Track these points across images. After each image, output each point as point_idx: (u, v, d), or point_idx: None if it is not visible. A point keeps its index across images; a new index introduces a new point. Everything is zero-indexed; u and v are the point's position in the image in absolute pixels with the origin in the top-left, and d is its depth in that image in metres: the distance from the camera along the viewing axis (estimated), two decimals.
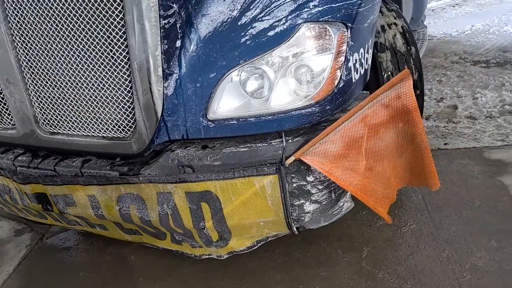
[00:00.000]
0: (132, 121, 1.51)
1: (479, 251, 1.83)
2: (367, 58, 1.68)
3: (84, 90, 1.52)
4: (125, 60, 1.40)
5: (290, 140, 1.46)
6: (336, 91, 1.50)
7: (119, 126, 1.53)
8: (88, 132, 1.60)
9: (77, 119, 1.59)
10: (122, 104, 1.48)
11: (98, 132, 1.59)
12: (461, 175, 2.36)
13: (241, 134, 1.48)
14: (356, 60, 1.58)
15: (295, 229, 1.65)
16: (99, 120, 1.55)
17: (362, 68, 1.63)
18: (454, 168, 2.42)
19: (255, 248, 1.74)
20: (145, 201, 1.61)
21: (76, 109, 1.58)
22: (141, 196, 1.61)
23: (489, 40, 5.03)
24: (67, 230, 2.27)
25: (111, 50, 1.39)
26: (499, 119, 2.99)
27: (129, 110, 1.48)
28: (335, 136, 1.39)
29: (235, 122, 1.46)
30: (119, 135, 1.55)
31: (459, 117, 3.09)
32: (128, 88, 1.45)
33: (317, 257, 1.92)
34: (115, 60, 1.40)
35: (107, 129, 1.55)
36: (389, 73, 1.96)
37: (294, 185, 1.52)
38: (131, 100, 1.46)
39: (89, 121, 1.58)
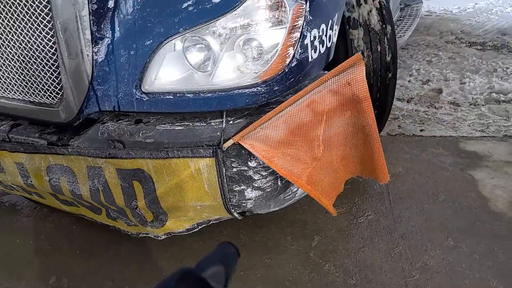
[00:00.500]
0: (59, 87, 1.36)
1: (433, 250, 1.74)
2: (330, 35, 1.53)
3: (7, 49, 1.37)
4: (48, 18, 1.24)
5: (231, 122, 1.33)
6: (287, 70, 1.36)
7: (45, 91, 1.39)
8: (14, 95, 1.46)
9: (2, 80, 1.45)
10: (47, 68, 1.34)
11: (24, 96, 1.45)
12: (431, 165, 2.25)
13: (177, 110, 1.34)
14: (315, 37, 1.42)
15: (236, 214, 1.55)
16: (25, 83, 1.41)
17: (323, 46, 1.48)
18: (425, 158, 2.30)
19: (195, 230, 1.65)
20: (75, 174, 1.50)
21: (1, 70, 1.43)
22: (71, 168, 1.49)
23: (490, 21, 4.82)
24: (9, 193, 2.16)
25: (31, 6, 1.23)
26: (483, 108, 2.86)
27: (55, 74, 1.34)
28: (278, 121, 1.26)
29: (171, 97, 1.33)
30: (46, 101, 1.41)
31: (442, 102, 2.95)
32: (52, 50, 1.30)
33: (265, 242, 1.83)
34: (37, 17, 1.25)
35: (33, 93, 1.41)
36: (360, 52, 1.80)
37: (234, 170, 1.40)
38: (56, 64, 1.31)
39: (16, 83, 1.44)
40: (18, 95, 1.44)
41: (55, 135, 1.47)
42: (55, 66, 1.32)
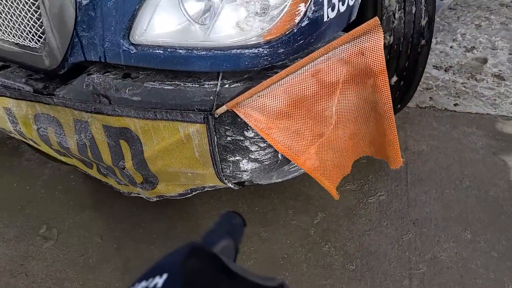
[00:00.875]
0: (41, 30, 1.23)
1: (447, 242, 1.59)
2: None
3: None
4: None
5: (226, 85, 1.18)
6: (295, 30, 1.17)
7: (27, 34, 1.26)
8: (3, 36, 1.35)
9: None
10: (27, 7, 1.20)
11: (13, 38, 1.33)
12: (460, 145, 2.03)
13: (168, 67, 1.20)
14: None
15: (231, 185, 1.43)
16: (12, 24, 1.29)
17: (343, 4, 1.28)
18: (455, 136, 2.09)
19: (189, 196, 1.54)
20: (62, 126, 1.40)
21: None
22: (58, 119, 1.39)
23: None
24: None
25: None
26: None
27: (36, 15, 1.20)
28: (278, 90, 1.10)
29: (161, 52, 1.18)
30: (30, 45, 1.29)
31: (485, 73, 2.66)
32: None
33: (264, 214, 1.72)
34: None
35: (16, 34, 1.29)
36: (391, 13, 1.57)
37: (229, 138, 1.26)
38: (36, 3, 1.18)
39: (3, 23, 1.32)
40: (7, 37, 1.33)
41: (41, 82, 1.36)
42: (35, 5, 1.18)
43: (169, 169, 1.38)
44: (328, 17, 1.23)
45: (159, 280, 0.31)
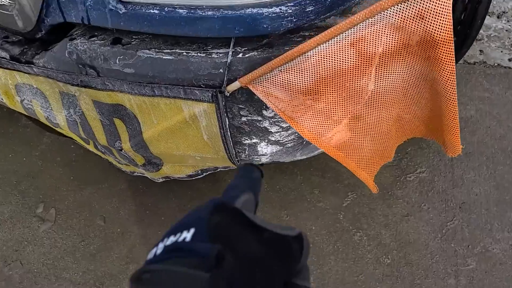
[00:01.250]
0: None
1: (501, 231, 1.37)
2: None
3: None
4: None
5: (240, 54, 0.93)
6: None
7: None
8: None
9: None
10: None
11: None
12: None
13: (165, 32, 0.95)
14: None
15: None
16: None
17: None
18: (510, 99, 1.80)
19: (200, 177, 1.34)
20: (48, 98, 1.19)
21: None
22: (41, 91, 1.18)
23: None
24: None
25: None
26: None
27: None
28: (305, 63, 0.85)
29: (156, 12, 0.93)
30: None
31: None
32: None
33: (286, 194, 1.51)
34: None
35: None
36: None
37: (244, 119, 1.04)
38: None
39: None
40: None
41: (18, 47, 1.14)
42: None
43: (174, 152, 1.17)
44: None
45: (187, 235, 0.33)
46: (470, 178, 1.52)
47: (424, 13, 0.72)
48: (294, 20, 0.92)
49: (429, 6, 0.71)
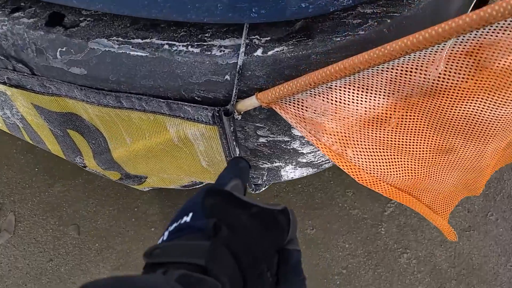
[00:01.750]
0: None
1: None
2: None
3: None
4: None
5: (259, 50, 0.57)
6: None
7: None
8: None
9: None
10: None
11: None
12: None
13: (133, 13, 0.56)
14: None
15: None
16: None
17: None
18: None
19: (197, 187, 1.00)
20: None
21: None
22: None
23: None
24: None
25: None
26: None
27: None
28: (375, 79, 0.48)
29: None
30: None
31: None
32: None
33: (311, 195, 1.18)
34: None
35: None
36: None
37: (263, 140, 0.69)
38: None
39: None
40: None
41: None
42: None
43: (160, 174, 0.82)
44: None
45: (187, 218, 0.38)
46: None
47: None
48: None
49: None
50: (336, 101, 0.53)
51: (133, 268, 1.12)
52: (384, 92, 0.52)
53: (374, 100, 0.53)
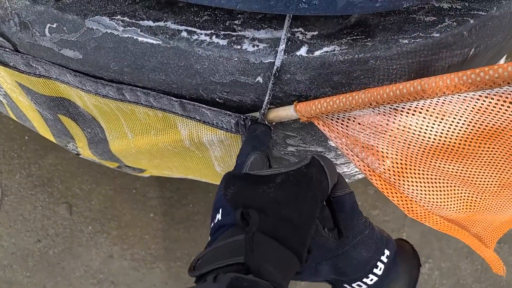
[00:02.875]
0: None
1: None
2: None
3: None
4: None
5: (303, 49, 0.45)
6: None
7: None
8: None
9: None
10: None
11: None
12: None
13: None
14: None
15: None
16: None
17: None
18: None
19: None
20: None
21: None
22: None
23: None
24: None
25: None
26: None
27: None
28: (450, 105, 0.36)
29: None
30: None
31: None
32: None
33: None
34: None
35: None
36: None
37: (292, 149, 0.61)
38: None
39: None
40: None
41: None
42: None
43: (165, 172, 0.72)
44: None
45: (218, 215, 0.38)
46: None
47: None
48: None
49: None
50: (400, 125, 0.42)
51: (129, 257, 1.04)
52: (466, 121, 0.40)
53: (450, 127, 0.42)
